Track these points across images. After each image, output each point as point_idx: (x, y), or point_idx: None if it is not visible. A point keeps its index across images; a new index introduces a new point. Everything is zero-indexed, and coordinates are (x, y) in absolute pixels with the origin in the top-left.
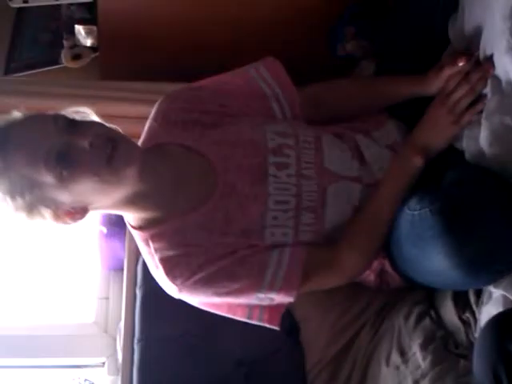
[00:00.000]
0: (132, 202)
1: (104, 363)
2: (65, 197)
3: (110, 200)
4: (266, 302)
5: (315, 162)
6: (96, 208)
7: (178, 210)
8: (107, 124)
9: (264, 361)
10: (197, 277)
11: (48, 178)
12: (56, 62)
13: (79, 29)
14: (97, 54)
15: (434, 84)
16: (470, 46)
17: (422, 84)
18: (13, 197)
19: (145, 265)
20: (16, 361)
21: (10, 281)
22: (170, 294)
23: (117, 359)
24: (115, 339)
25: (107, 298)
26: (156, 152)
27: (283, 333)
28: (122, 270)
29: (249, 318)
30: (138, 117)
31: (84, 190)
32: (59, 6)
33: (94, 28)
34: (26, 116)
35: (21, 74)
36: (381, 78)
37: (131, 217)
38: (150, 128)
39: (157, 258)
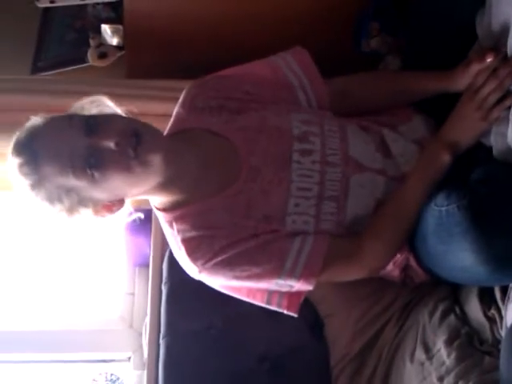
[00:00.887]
0: (161, 187)
1: (130, 358)
2: (101, 194)
3: (142, 189)
4: (285, 289)
5: (340, 149)
6: (131, 197)
7: (203, 193)
8: (124, 113)
9: (288, 356)
10: (218, 259)
11: (81, 183)
12: (82, 60)
13: (105, 28)
14: (123, 52)
15: (462, 80)
16: (498, 41)
17: (449, 80)
18: (52, 203)
19: (170, 261)
20: (43, 356)
21: (38, 277)
22: (191, 275)
23: (142, 354)
24: (141, 334)
25: (133, 294)
26: (182, 137)
27: (308, 328)
28: (147, 266)
29: (267, 303)
30: (163, 114)
31: (117, 185)
32: (85, 5)
33: (120, 27)
34: (44, 122)
35: (47, 72)
36: (407, 73)
37: (157, 200)
38: (177, 114)
39: (179, 239)
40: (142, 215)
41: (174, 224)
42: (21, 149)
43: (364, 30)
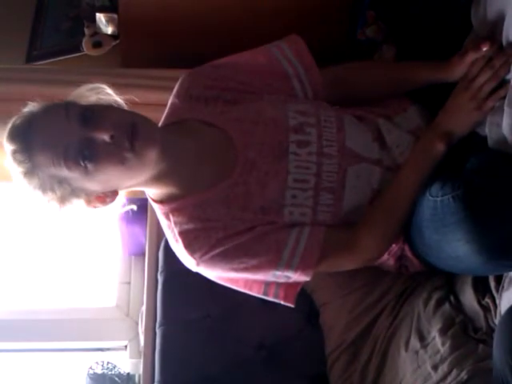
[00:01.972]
0: (156, 179)
1: (126, 346)
2: (94, 186)
3: (135, 181)
4: (282, 280)
5: (337, 140)
6: (124, 188)
7: (199, 185)
8: (123, 103)
9: (284, 345)
10: (215, 251)
11: (74, 174)
12: (77, 49)
13: (100, 17)
14: (117, 41)
15: (457, 70)
16: (493, 31)
17: (444, 70)
18: (44, 192)
19: (166, 250)
20: (39, 344)
21: (33, 265)
22: (189, 268)
23: (139, 343)
24: (137, 323)
25: (129, 283)
26: (177, 128)
27: (303, 317)
28: (143, 255)
29: (264, 295)
30: (158, 104)
31: (111, 177)
32: None
33: (115, 16)
34: (42, 109)
35: (42, 62)
36: (403, 63)
37: (153, 192)
38: (171, 105)
39: (176, 231)
40: (135, 207)
41: (170, 216)
42: (16, 135)
43: (360, 19)
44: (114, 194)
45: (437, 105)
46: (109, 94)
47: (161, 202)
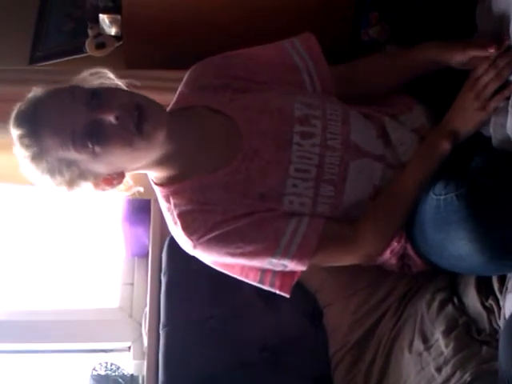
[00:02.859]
0: (160, 162)
1: (130, 348)
2: (101, 168)
3: (141, 163)
4: (278, 268)
5: (341, 133)
6: (130, 171)
7: (201, 169)
8: (124, 87)
9: (288, 346)
10: (212, 234)
11: (82, 156)
12: (80, 50)
13: (103, 18)
14: (121, 42)
15: (458, 56)
16: (498, 31)
17: (447, 51)
18: (53, 175)
19: (169, 251)
20: (42, 346)
21: (37, 267)
22: (186, 250)
23: (142, 344)
24: (140, 324)
25: (132, 284)
26: (182, 113)
27: (307, 318)
28: (146, 256)
29: (260, 283)
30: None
31: (118, 159)
32: None
33: (118, 17)
34: (47, 93)
35: (46, 63)
36: (408, 48)
37: (155, 175)
38: (180, 93)
39: (175, 213)
40: (141, 189)
41: (170, 198)
42: (22, 120)
43: (363, 19)
44: (120, 175)
45: (441, 105)
46: (111, 79)
47: (162, 184)
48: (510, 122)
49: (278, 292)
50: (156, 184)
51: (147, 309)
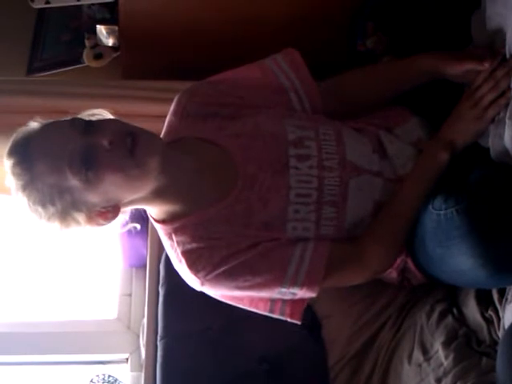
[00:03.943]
0: (157, 195)
1: (127, 359)
2: (94, 197)
3: (137, 194)
4: (288, 297)
5: (337, 152)
6: (125, 205)
7: (201, 203)
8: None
9: (286, 357)
10: (219, 270)
11: (74, 182)
12: (77, 61)
13: (101, 29)
14: (118, 53)
15: (453, 69)
16: (493, 42)
17: (442, 63)
18: (44, 206)
19: (167, 263)
20: (40, 357)
21: (33, 278)
22: (193, 287)
23: (140, 355)
24: (138, 336)
25: (130, 295)
26: (176, 146)
27: (305, 329)
28: (144, 267)
29: (271, 312)
30: (159, 115)
31: (111, 187)
32: (80, 6)
33: (116, 28)
34: (43, 125)
35: (43, 73)
36: (403, 58)
37: (154, 211)
38: (169, 123)
39: (179, 251)
40: (138, 226)
41: (173, 236)
42: (15, 149)
43: (359, 30)
44: (115, 209)
45: (437, 117)
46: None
47: (163, 221)
48: (507, 134)
49: (289, 320)
50: (156, 221)
51: (145, 320)
